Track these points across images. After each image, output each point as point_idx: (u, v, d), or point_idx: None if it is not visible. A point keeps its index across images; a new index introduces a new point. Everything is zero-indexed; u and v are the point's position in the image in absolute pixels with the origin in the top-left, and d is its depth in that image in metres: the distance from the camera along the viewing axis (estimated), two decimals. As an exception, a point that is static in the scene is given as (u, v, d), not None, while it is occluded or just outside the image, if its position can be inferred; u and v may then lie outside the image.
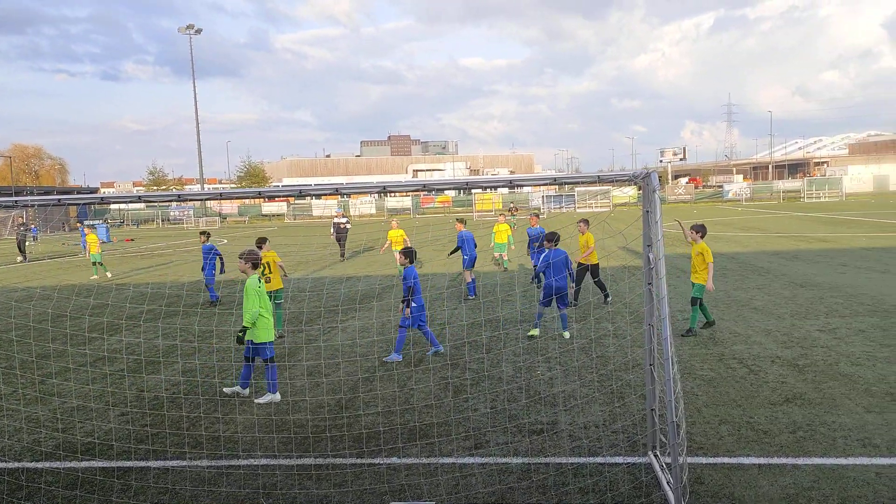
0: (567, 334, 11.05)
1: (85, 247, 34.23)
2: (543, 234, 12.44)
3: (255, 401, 8.32)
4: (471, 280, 15.52)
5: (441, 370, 9.43)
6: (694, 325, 10.99)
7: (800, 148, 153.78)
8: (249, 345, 8.33)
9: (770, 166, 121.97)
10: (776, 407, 7.44)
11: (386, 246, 19.91)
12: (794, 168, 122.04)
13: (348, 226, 26.63)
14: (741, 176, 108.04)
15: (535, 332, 11.21)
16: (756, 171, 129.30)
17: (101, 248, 23.07)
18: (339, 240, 25.81)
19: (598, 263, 14.19)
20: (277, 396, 8.37)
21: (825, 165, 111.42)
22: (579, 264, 13.59)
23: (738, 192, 68.48)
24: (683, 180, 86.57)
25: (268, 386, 8.42)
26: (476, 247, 15.66)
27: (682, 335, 10.74)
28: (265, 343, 8.32)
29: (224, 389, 8.66)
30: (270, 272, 11.72)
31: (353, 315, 13.90)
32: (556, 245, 11.11)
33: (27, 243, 38.12)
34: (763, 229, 30.91)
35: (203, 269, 16.00)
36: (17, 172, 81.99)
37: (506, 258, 20.14)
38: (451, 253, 16.18)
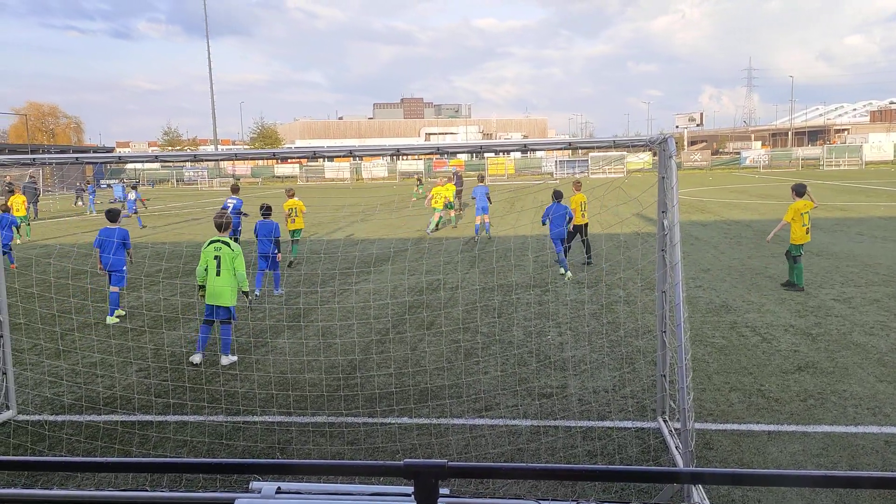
0: (570, 275, 13.21)
1: (93, 205, 34.40)
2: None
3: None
4: (478, 223, 18.92)
5: (452, 333, 9.52)
6: (800, 282, 11.56)
7: (821, 114, 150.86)
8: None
9: (790, 133, 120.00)
10: (788, 375, 7.47)
11: (428, 199, 21.99)
12: (814, 135, 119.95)
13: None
14: (759, 143, 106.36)
15: (569, 274, 13.25)
16: (775, 137, 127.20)
17: (27, 210, 23.60)
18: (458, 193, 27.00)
19: (586, 224, 14.86)
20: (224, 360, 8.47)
21: (846, 133, 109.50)
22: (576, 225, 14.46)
23: (756, 159, 67.47)
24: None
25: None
26: (487, 196, 19.15)
27: (784, 286, 11.65)
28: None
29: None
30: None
31: (367, 278, 13.99)
32: (558, 201, 13.45)
33: (78, 203, 38.20)
34: (780, 197, 30.57)
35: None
36: (32, 131, 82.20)
37: (439, 218, 21.73)
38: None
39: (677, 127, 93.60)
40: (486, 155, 66.42)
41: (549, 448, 5.89)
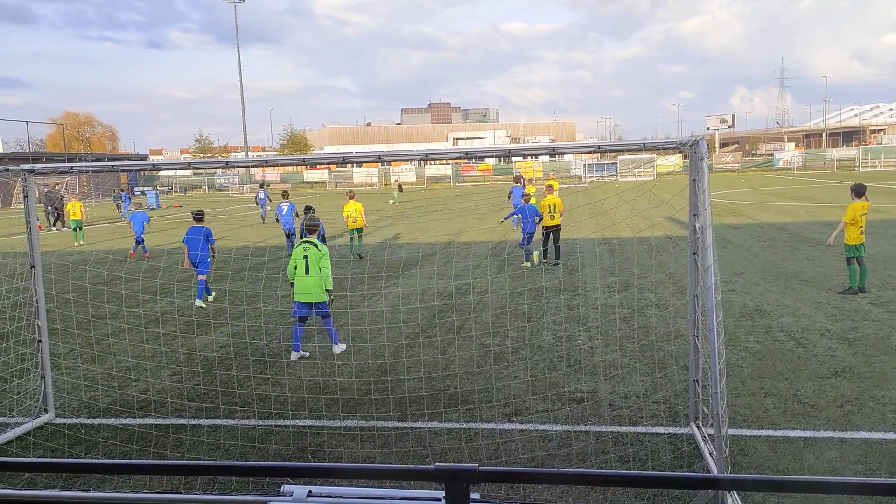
0: (528, 264, 15.08)
1: (127, 212, 35.02)
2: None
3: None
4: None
5: (482, 338, 9.50)
6: (853, 284, 11.29)
7: (856, 115, 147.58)
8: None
9: (824, 134, 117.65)
10: (824, 380, 7.31)
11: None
12: (850, 136, 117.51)
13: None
14: (793, 144, 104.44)
15: (527, 263, 15.17)
16: (809, 138, 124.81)
17: (83, 215, 24.22)
18: None
19: (558, 226, 15.58)
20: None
21: (882, 133, 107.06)
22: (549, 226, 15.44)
23: (790, 161, 66.29)
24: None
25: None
26: (523, 195, 19.88)
27: (840, 292, 11.25)
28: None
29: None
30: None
31: (396, 282, 14.04)
32: (526, 202, 15.64)
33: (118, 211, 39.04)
34: (815, 199, 30.00)
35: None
36: (69, 139, 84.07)
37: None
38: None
39: (708, 129, 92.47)
40: (514, 159, 66.24)
41: (580, 453, 5.84)
